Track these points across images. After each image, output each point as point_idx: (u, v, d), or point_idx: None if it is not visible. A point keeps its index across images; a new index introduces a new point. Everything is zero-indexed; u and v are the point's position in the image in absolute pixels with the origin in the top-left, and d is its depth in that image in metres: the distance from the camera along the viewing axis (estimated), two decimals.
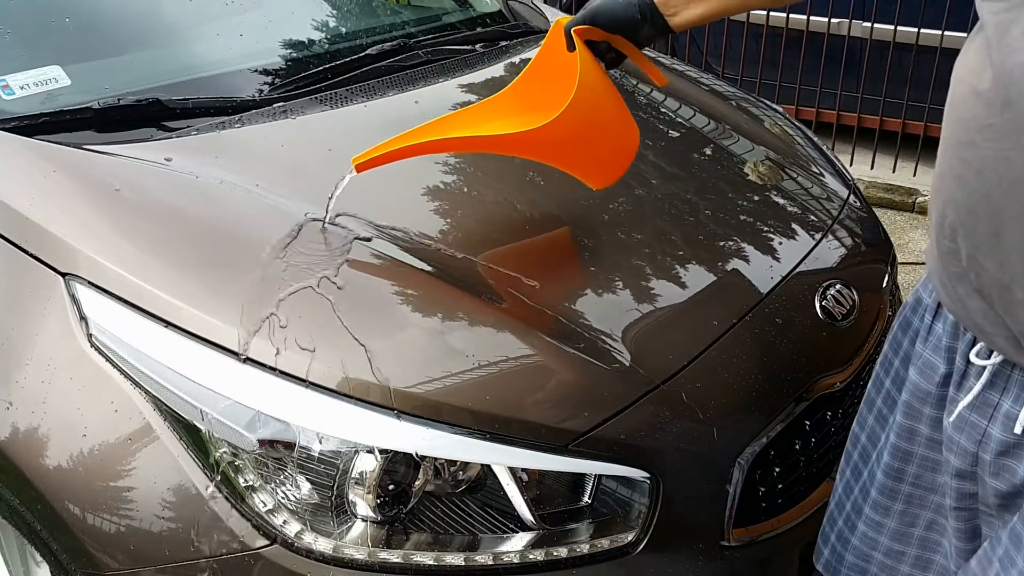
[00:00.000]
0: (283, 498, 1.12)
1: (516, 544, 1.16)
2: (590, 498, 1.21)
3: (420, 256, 1.30)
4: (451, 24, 2.13)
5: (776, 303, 1.42)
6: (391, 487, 1.13)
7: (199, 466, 1.11)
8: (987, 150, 0.87)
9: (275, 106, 1.59)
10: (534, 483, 1.18)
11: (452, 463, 1.15)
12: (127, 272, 1.19)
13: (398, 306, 1.23)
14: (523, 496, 1.16)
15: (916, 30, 4.03)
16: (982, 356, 0.99)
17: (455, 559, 1.13)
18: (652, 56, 2.26)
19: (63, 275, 1.20)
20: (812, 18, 4.28)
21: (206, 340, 1.14)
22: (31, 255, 1.22)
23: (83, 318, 1.17)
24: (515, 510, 1.16)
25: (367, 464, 1.12)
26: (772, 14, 4.32)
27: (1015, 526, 0.96)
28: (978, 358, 0.99)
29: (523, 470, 1.16)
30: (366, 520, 1.13)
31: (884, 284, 1.66)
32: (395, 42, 1.86)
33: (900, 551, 1.15)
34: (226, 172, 1.39)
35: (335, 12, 1.99)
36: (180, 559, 1.11)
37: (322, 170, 1.46)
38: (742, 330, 1.35)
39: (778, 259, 1.52)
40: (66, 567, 1.17)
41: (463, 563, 1.13)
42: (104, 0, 1.72)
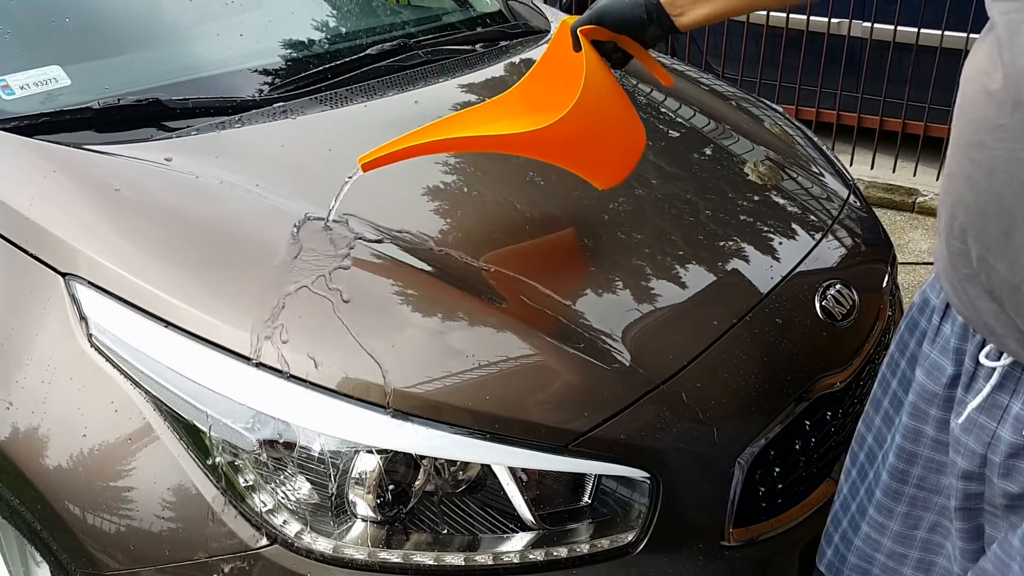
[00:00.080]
0: (283, 498, 1.12)
1: (516, 544, 1.16)
2: (590, 498, 1.21)
3: (420, 256, 1.30)
4: (451, 24, 2.13)
5: (776, 303, 1.42)
6: (391, 487, 1.13)
7: (199, 466, 1.11)
8: (998, 151, 0.87)
9: (275, 106, 1.59)
10: (534, 483, 1.18)
11: (452, 463, 1.15)
12: (127, 272, 1.19)
13: (398, 306, 1.23)
14: (523, 496, 1.16)
15: (916, 30, 4.03)
16: (992, 358, 0.98)
17: (455, 559, 1.13)
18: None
19: (63, 275, 1.20)
20: (812, 18, 4.28)
21: (206, 340, 1.14)
22: (31, 255, 1.22)
23: (83, 318, 1.17)
24: (515, 510, 1.16)
25: (367, 464, 1.12)
26: (772, 14, 4.32)
27: None
28: (988, 360, 0.98)
29: (523, 470, 1.16)
30: (366, 520, 1.13)
31: (884, 284, 1.66)
32: (395, 42, 1.86)
33: (903, 554, 1.15)
34: (226, 172, 1.39)
35: (335, 12, 1.99)
36: (180, 559, 1.11)
37: (322, 170, 1.46)
38: (742, 330, 1.35)
39: (778, 259, 1.52)
40: (66, 567, 1.17)
41: (463, 563, 1.13)
42: (104, 0, 1.72)
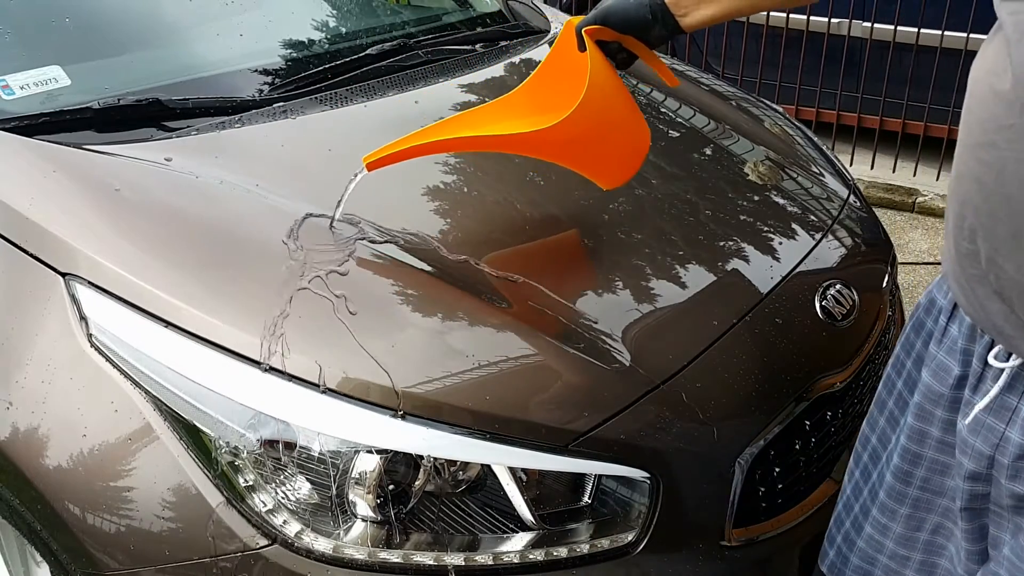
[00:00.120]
0: (283, 498, 1.12)
1: (516, 544, 1.16)
2: (590, 498, 1.21)
3: (420, 256, 1.30)
4: (451, 24, 2.13)
5: (776, 303, 1.42)
6: (391, 487, 1.13)
7: (199, 466, 1.11)
8: (1007, 151, 0.86)
9: (275, 106, 1.59)
10: (534, 483, 1.18)
11: (452, 463, 1.15)
12: (127, 272, 1.19)
13: (398, 306, 1.23)
14: (523, 496, 1.16)
15: (916, 30, 4.03)
16: (1001, 359, 0.97)
17: (455, 559, 1.13)
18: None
19: (63, 275, 1.20)
20: (812, 18, 4.28)
21: (206, 340, 1.14)
22: (31, 255, 1.22)
23: (83, 318, 1.17)
24: (515, 510, 1.16)
25: (367, 464, 1.12)
26: (772, 15, 4.32)
27: None
28: (997, 361, 0.98)
29: (523, 470, 1.16)
30: (366, 520, 1.13)
31: (884, 284, 1.66)
32: (395, 42, 1.85)
33: (905, 556, 1.15)
34: (226, 172, 1.39)
35: (335, 12, 1.99)
36: (180, 559, 1.11)
37: (322, 170, 1.46)
38: (742, 330, 1.35)
39: (778, 259, 1.52)
40: (66, 567, 1.17)
41: (463, 563, 1.13)
42: (104, 0, 1.72)
